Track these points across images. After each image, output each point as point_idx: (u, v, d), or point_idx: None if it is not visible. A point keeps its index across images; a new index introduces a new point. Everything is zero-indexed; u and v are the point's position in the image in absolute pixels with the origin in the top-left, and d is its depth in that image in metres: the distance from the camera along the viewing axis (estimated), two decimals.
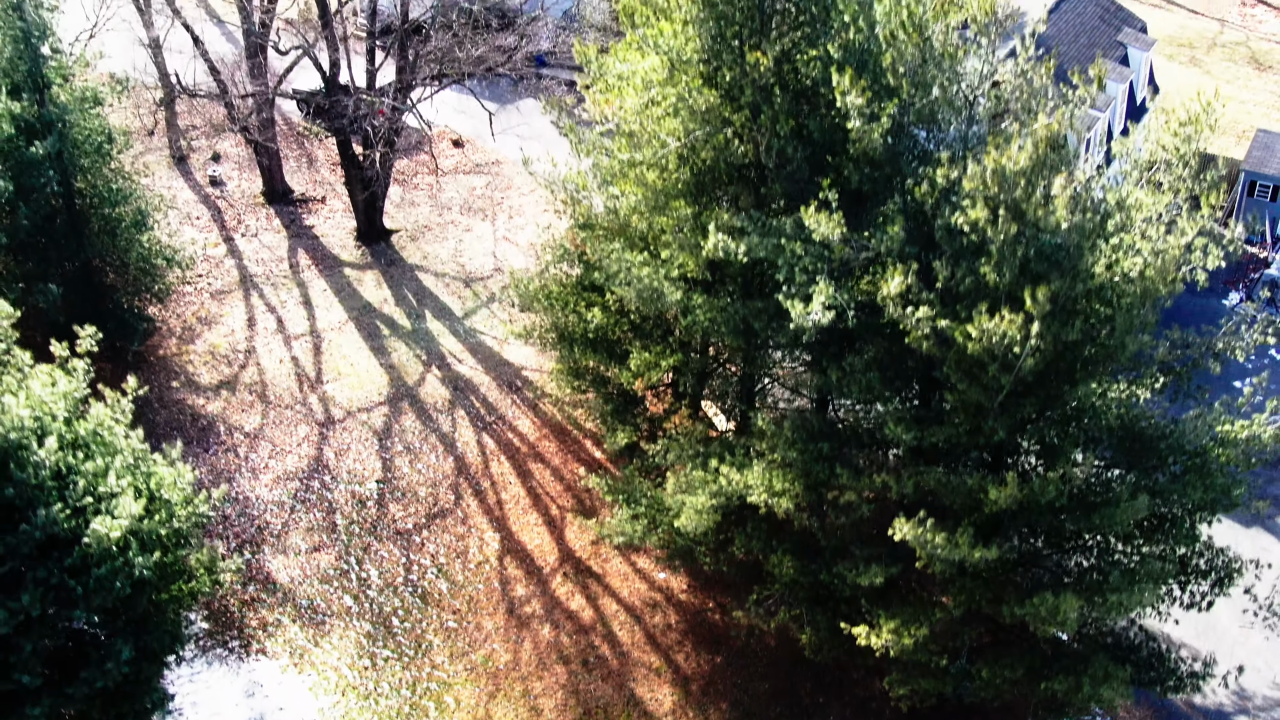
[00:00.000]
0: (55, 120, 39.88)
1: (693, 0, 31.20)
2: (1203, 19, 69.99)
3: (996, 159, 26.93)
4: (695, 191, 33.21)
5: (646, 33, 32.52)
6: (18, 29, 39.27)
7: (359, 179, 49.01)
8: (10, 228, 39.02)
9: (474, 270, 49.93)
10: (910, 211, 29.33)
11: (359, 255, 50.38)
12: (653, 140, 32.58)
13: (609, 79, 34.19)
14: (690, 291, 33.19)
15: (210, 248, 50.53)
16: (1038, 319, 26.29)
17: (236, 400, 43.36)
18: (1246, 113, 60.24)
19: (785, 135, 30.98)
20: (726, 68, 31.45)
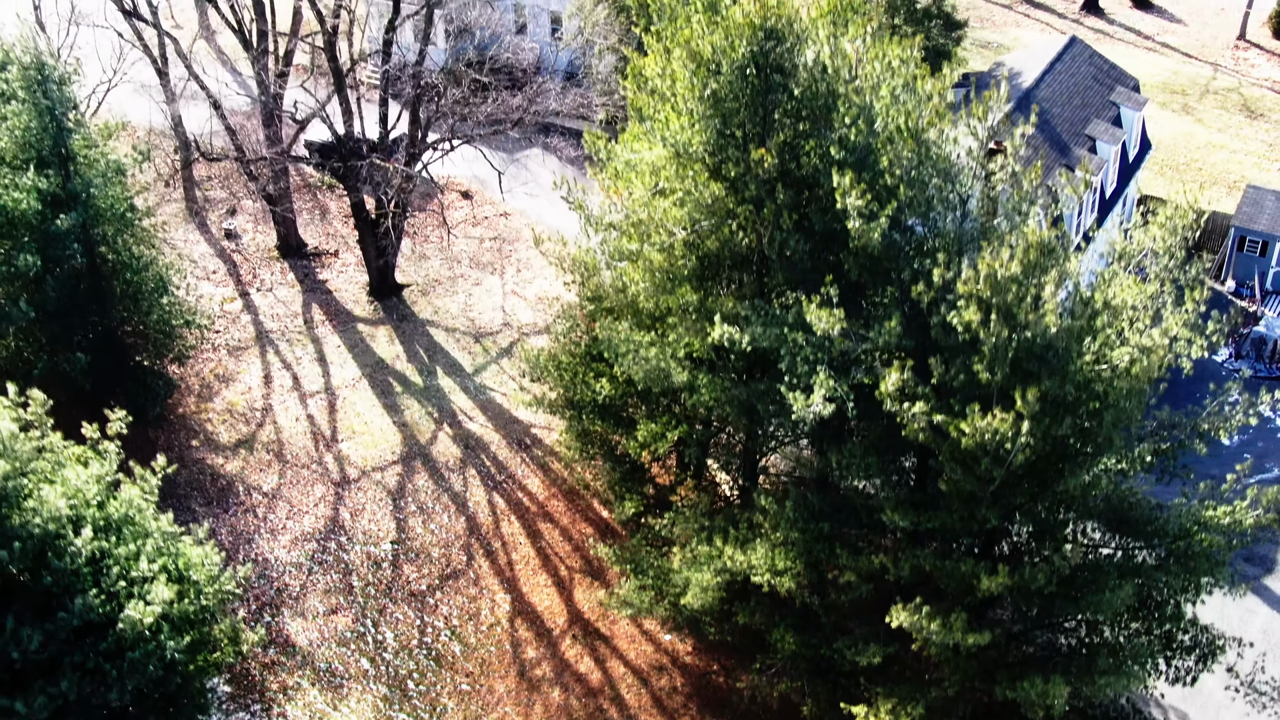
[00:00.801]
0: (80, 192, 41.22)
1: (699, 98, 32.56)
2: (1196, 63, 71.30)
3: (989, 263, 28.28)
4: (700, 277, 34.55)
5: (654, 125, 33.94)
6: (43, 105, 40.61)
7: (371, 237, 50.34)
8: (38, 300, 40.33)
9: (484, 325, 51.26)
10: (907, 307, 30.65)
11: (371, 310, 51.72)
12: (660, 228, 33.92)
13: (617, 165, 35.56)
14: (696, 371, 34.51)
15: (226, 303, 51.88)
16: (1028, 418, 27.62)
17: (255, 459, 44.69)
18: (1238, 162, 61.56)
19: (788, 228, 32.31)
20: (731, 163, 32.78)
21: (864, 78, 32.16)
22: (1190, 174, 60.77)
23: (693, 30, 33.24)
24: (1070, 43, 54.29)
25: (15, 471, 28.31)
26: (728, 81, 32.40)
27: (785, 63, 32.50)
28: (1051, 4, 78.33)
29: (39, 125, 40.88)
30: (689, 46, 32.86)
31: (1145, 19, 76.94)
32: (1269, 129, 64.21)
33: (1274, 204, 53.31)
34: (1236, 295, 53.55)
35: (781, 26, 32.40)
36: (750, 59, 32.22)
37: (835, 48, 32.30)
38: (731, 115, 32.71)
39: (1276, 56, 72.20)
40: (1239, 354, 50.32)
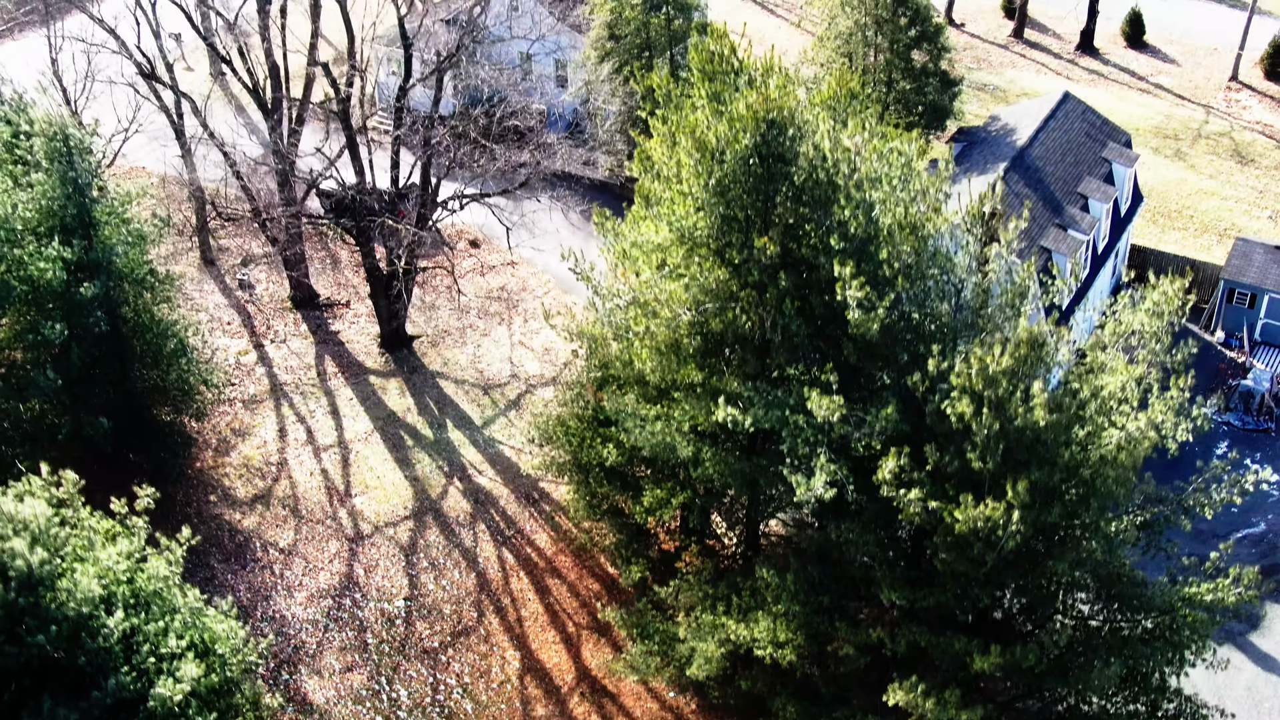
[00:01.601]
0: (103, 260, 42.54)
1: (704, 186, 33.91)
2: (1189, 106, 72.64)
3: (981, 358, 29.63)
4: (705, 354, 35.87)
5: (660, 208, 35.34)
6: (68, 175, 41.94)
7: (383, 291, 51.65)
8: (63, 367, 41.64)
9: (492, 376, 52.60)
10: (903, 394, 31.98)
11: (383, 362, 53.06)
12: (666, 308, 35.26)
13: (624, 246, 36.89)
14: (700, 444, 35.83)
15: (241, 355, 53.22)
16: (1018, 508, 28.98)
17: (271, 515, 46.02)
18: (1228, 210, 62.90)
19: (790, 313, 33.63)
20: (735, 249, 34.12)
21: (864, 172, 33.47)
22: (1182, 222, 62.12)
23: (698, 119, 34.61)
24: (1063, 99, 55.66)
25: (51, 557, 29.62)
26: (732, 170, 33.73)
27: (787, 152, 33.81)
28: (1047, 44, 79.65)
29: (63, 194, 42.20)
30: (695, 136, 34.21)
31: (1139, 59, 78.26)
32: (1259, 175, 65.52)
33: (1262, 257, 54.64)
34: (1226, 346, 54.91)
35: (784, 118, 33.72)
36: (754, 149, 33.54)
37: (835, 141, 33.64)
38: (735, 202, 34.05)
39: (1268, 99, 73.50)
40: (1227, 406, 51.65)
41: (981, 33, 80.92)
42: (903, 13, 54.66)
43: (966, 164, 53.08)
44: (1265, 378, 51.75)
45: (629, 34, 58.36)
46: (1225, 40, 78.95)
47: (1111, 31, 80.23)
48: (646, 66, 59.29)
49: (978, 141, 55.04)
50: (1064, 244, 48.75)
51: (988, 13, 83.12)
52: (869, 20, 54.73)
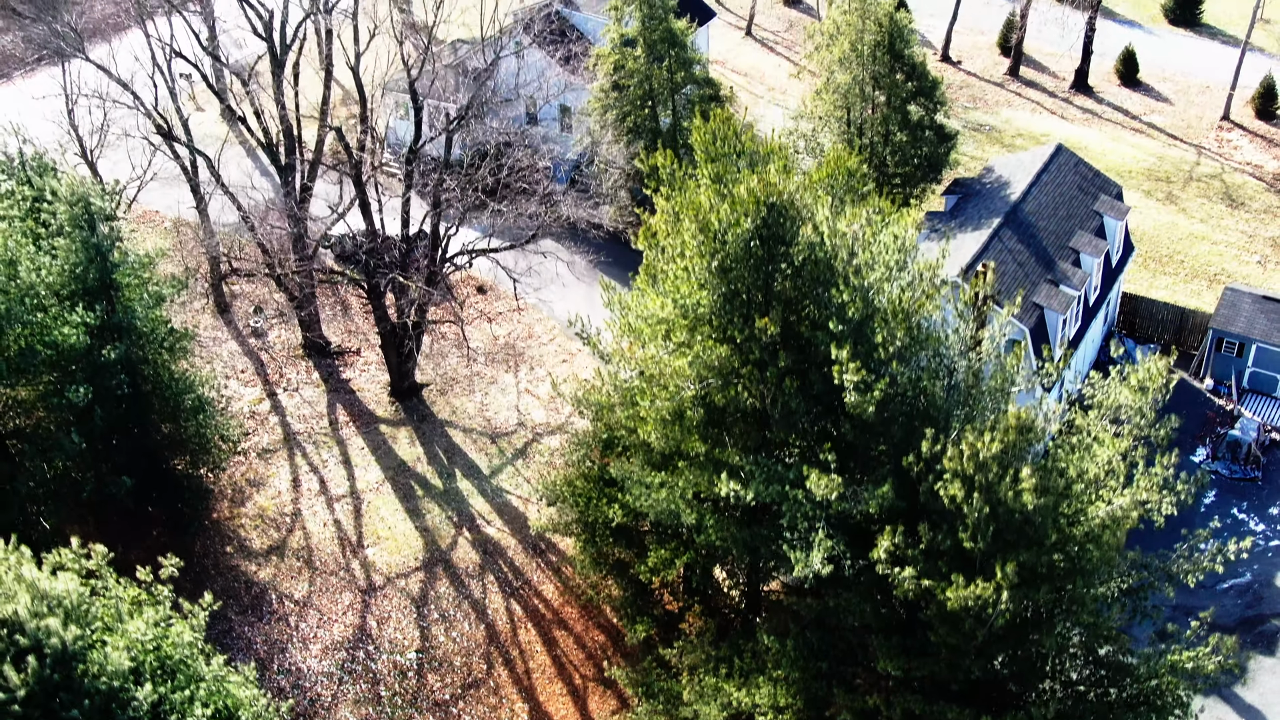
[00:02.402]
0: (124, 322, 43.93)
1: (707, 268, 35.31)
2: (1181, 147, 74.01)
3: (972, 443, 31.04)
4: (707, 425, 37.27)
5: (664, 285, 36.75)
6: (90, 242, 43.31)
7: (393, 342, 53.05)
8: (87, 429, 43.03)
9: (499, 425, 54.00)
10: (899, 472, 33.39)
11: (393, 411, 54.46)
12: (670, 383, 36.67)
13: (630, 320, 38.29)
14: (703, 511, 37.24)
15: (255, 404, 54.63)
16: (1007, 588, 30.40)
17: (286, 566, 47.42)
18: (1218, 254, 64.30)
19: (790, 391, 35.04)
20: (736, 328, 35.52)
21: (862, 258, 34.85)
22: (1172, 267, 63.53)
23: (701, 200, 36.03)
24: (1056, 151, 57.07)
25: (83, 632, 31.01)
26: (734, 251, 35.14)
27: (787, 235, 35.21)
28: (1042, 82, 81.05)
29: (85, 259, 43.57)
30: (698, 218, 35.63)
31: (1133, 97, 79.65)
32: (1249, 219, 66.91)
33: (1250, 307, 56.03)
34: (1214, 393, 56.30)
35: (784, 202, 35.14)
36: (755, 232, 34.96)
37: (834, 227, 35.03)
38: (737, 281, 35.46)
39: (1259, 138, 74.91)
40: (1215, 455, 53.07)
41: (978, 70, 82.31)
42: (899, 68, 56.03)
43: (961, 216, 54.46)
44: (1251, 427, 53.14)
45: (632, 85, 59.73)
46: (1217, 77, 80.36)
47: (1105, 69, 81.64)
48: (651, 118, 60.75)
49: (973, 194, 56.42)
50: (1056, 300, 50.13)
51: (983, 49, 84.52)
52: (866, 76, 56.10)
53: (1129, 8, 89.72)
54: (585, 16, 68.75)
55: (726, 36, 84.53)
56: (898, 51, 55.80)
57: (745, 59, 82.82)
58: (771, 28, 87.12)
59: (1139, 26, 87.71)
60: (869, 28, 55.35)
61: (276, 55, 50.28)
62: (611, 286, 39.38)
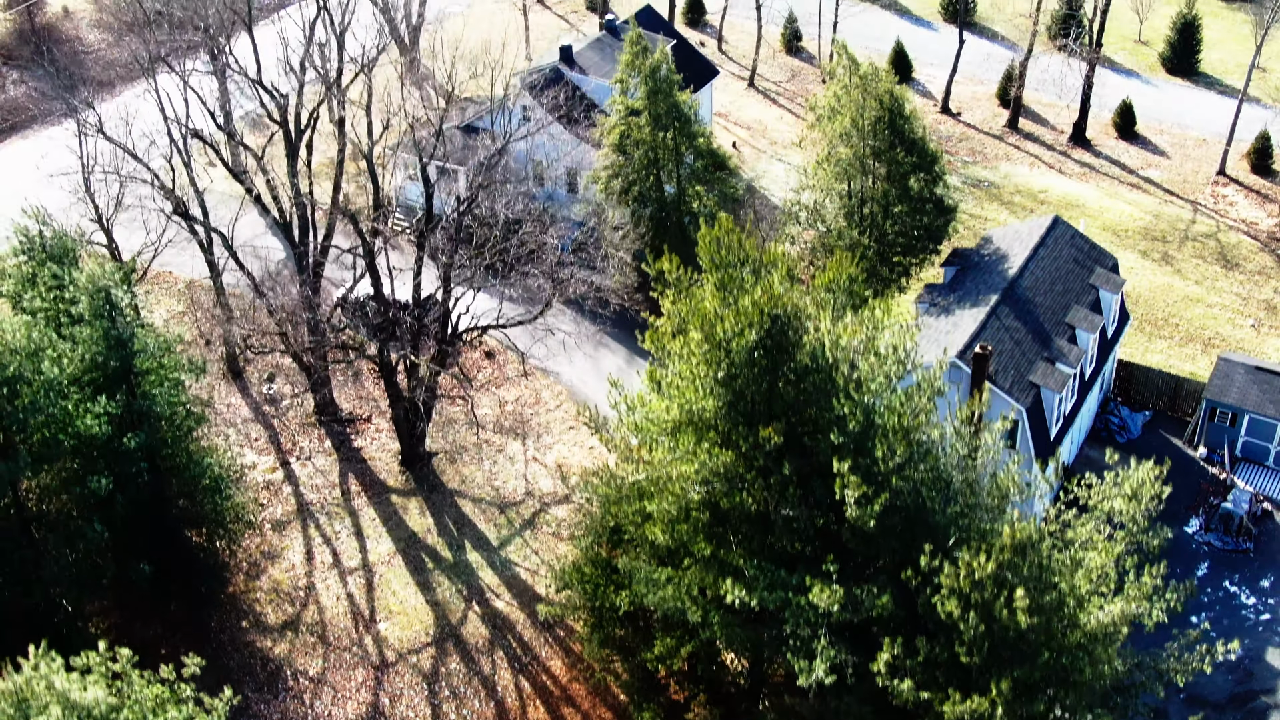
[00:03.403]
0: (145, 410, 45.14)
1: (713, 377, 36.50)
2: (1177, 203, 75.18)
3: (967, 563, 32.25)
4: (712, 525, 38.46)
5: (671, 391, 37.97)
6: (111, 333, 44.51)
7: (403, 413, 54.26)
8: (109, 518, 44.21)
9: (507, 494, 55.21)
10: (898, 583, 34.59)
11: (403, 480, 55.66)
12: (676, 486, 37.86)
13: (636, 420, 39.48)
14: (709, 608, 38.41)
15: (269, 473, 55.84)
16: (1002, 704, 31.61)
17: (300, 642, 48.62)
18: (1213, 318, 65.47)
19: (793, 499, 36.22)
20: (741, 436, 36.70)
21: (863, 371, 36.02)
22: (1168, 330, 64.70)
23: (706, 308, 37.23)
24: (1053, 224, 58.25)
25: None
26: (739, 361, 36.34)
27: (790, 345, 36.39)
28: (1041, 134, 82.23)
29: (105, 347, 44.75)
30: (704, 328, 36.83)
31: (1130, 150, 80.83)
32: (1243, 280, 68.09)
33: (1243, 378, 57.20)
34: (1208, 462, 57.45)
35: (787, 314, 36.33)
36: (759, 342, 36.16)
37: (835, 340, 36.21)
38: (742, 390, 36.67)
39: (1254, 194, 76.08)
40: (1208, 527, 54.23)
41: (977, 122, 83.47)
42: (900, 143, 57.20)
43: (960, 290, 55.61)
44: (1244, 499, 54.29)
45: (637, 155, 60.94)
46: (1214, 129, 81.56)
47: (1103, 121, 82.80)
48: (656, 186, 61.95)
49: (971, 265, 57.58)
50: (1052, 379, 51.30)
51: (983, 100, 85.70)
52: (867, 150, 57.28)
53: (1127, 57, 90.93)
54: (589, 80, 69.91)
55: (729, 88, 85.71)
56: (898, 128, 56.96)
57: (748, 111, 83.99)
58: (774, 77, 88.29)
59: (1137, 76, 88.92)
60: (870, 105, 56.52)
61: (291, 139, 51.48)
62: (618, 384, 40.58)
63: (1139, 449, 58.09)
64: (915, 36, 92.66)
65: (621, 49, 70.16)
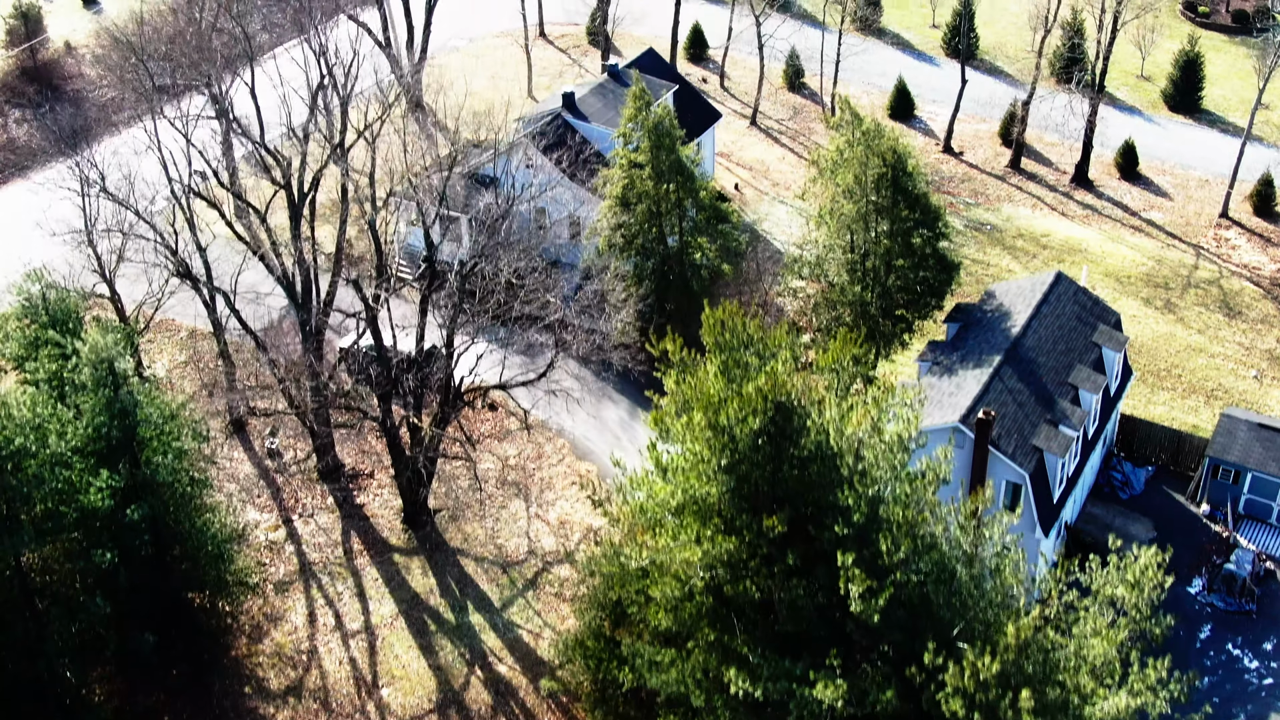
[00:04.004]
0: (148, 481, 45.13)
1: (718, 465, 36.50)
2: (1179, 248, 75.14)
3: (971, 662, 32.23)
4: (716, 611, 38.42)
5: (674, 477, 37.97)
6: (115, 407, 44.50)
7: (406, 472, 54.25)
8: (112, 591, 44.21)
9: (510, 553, 55.18)
10: (901, 676, 34.57)
11: (405, 539, 55.64)
12: (680, 572, 37.83)
13: (641, 502, 39.47)
14: (713, 692, 38.38)
15: (270, 531, 55.82)
16: None
17: (303, 709, 48.58)
18: (1215, 368, 65.44)
19: (797, 588, 36.17)
20: (744, 523, 36.69)
21: (868, 462, 35.99)
22: (1170, 381, 64.67)
23: (710, 391, 37.21)
24: (1056, 280, 58.16)
25: None
26: (743, 449, 36.33)
27: (794, 433, 36.38)
28: (1043, 175, 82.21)
29: (108, 417, 44.76)
30: (708, 414, 36.81)
31: (1132, 191, 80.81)
32: (1245, 329, 68.05)
33: (1246, 434, 57.17)
34: (1211, 519, 57.40)
35: (792, 401, 36.32)
36: (763, 429, 36.15)
37: (840, 429, 36.19)
38: (745, 477, 36.66)
39: (1257, 237, 76.07)
40: (1210, 587, 54.19)
41: (979, 162, 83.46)
42: (902, 201, 57.17)
43: (963, 349, 55.54)
44: (1247, 559, 54.26)
45: (640, 208, 60.95)
46: (1216, 170, 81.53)
47: (1105, 161, 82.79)
48: (659, 239, 61.97)
49: (974, 322, 57.49)
50: (1055, 443, 51.24)
51: (985, 139, 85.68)
52: (870, 207, 57.27)
53: (1129, 93, 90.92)
54: (592, 127, 69.93)
55: (731, 126, 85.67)
56: (901, 185, 56.94)
57: (751, 151, 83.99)
58: (776, 115, 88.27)
59: (1139, 113, 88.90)
60: (873, 162, 56.51)
61: (294, 201, 51.50)
62: (620, 463, 40.62)
63: (1142, 505, 58.09)
64: (917, 73, 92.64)
65: (624, 94, 70.26)
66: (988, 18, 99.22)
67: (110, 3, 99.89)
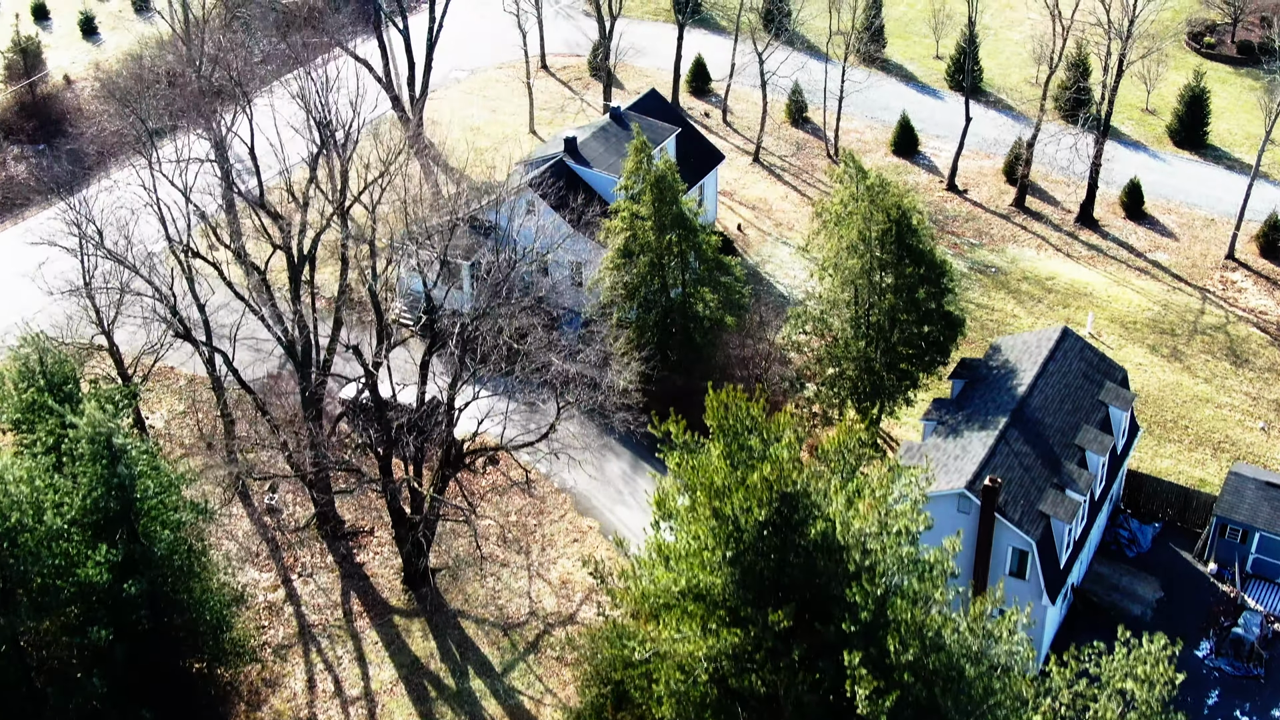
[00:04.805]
0: (146, 554, 44.64)
1: (724, 557, 36.05)
2: (1185, 291, 74.59)
3: None
4: (720, 702, 37.96)
5: (678, 566, 37.50)
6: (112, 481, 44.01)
7: (405, 535, 53.75)
8: (109, 668, 43.69)
9: (511, 614, 54.66)
10: None
11: (406, 600, 55.14)
12: (685, 664, 37.37)
13: (645, 588, 38.99)
14: None
15: (270, 591, 55.33)
16: None
17: None
18: (1223, 419, 64.90)
19: (803, 685, 35.71)
20: (749, 615, 36.22)
21: (874, 553, 35.52)
22: (1178, 433, 64.13)
23: (713, 475, 36.76)
24: (1062, 336, 57.66)
25: None
26: (748, 540, 35.88)
27: (800, 523, 35.92)
28: (1048, 214, 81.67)
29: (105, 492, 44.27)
30: (713, 502, 36.36)
31: (1138, 231, 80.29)
32: (1252, 378, 67.52)
33: (1254, 494, 56.63)
34: (1218, 578, 56.90)
35: (797, 491, 35.86)
36: (768, 521, 35.70)
37: (846, 524, 35.71)
38: (751, 568, 36.19)
39: (1263, 279, 75.54)
40: (1218, 651, 53.65)
41: (984, 200, 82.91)
42: (907, 257, 56.65)
43: (969, 408, 55.02)
44: (1255, 623, 53.74)
45: (643, 261, 60.46)
46: (1222, 208, 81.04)
47: (1110, 199, 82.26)
48: (660, 291, 61.46)
49: (979, 379, 56.98)
50: (1062, 509, 50.71)
51: (989, 177, 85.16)
52: (874, 263, 56.76)
53: (1134, 127, 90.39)
54: (595, 173, 69.43)
55: (734, 163, 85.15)
56: (905, 241, 56.43)
57: (753, 189, 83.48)
58: (779, 151, 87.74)
59: (1145, 149, 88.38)
60: (877, 218, 56.00)
61: (294, 263, 51.03)
62: (624, 542, 40.19)
63: (1149, 564, 57.58)
64: (921, 106, 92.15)
65: (627, 138, 69.84)
66: (991, 48, 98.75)
67: (110, 34, 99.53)
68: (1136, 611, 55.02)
